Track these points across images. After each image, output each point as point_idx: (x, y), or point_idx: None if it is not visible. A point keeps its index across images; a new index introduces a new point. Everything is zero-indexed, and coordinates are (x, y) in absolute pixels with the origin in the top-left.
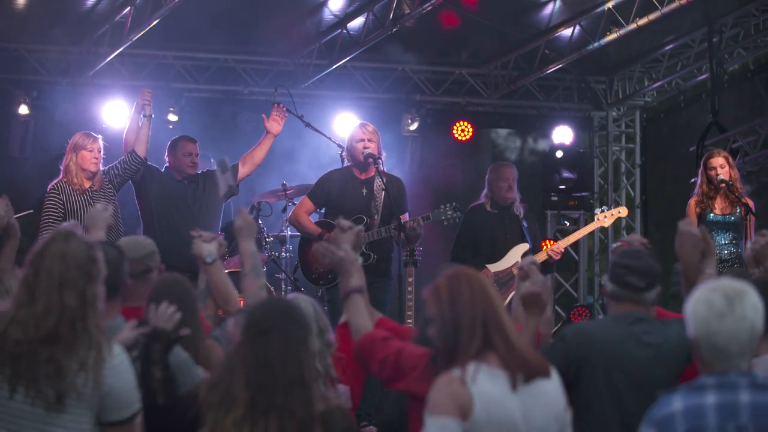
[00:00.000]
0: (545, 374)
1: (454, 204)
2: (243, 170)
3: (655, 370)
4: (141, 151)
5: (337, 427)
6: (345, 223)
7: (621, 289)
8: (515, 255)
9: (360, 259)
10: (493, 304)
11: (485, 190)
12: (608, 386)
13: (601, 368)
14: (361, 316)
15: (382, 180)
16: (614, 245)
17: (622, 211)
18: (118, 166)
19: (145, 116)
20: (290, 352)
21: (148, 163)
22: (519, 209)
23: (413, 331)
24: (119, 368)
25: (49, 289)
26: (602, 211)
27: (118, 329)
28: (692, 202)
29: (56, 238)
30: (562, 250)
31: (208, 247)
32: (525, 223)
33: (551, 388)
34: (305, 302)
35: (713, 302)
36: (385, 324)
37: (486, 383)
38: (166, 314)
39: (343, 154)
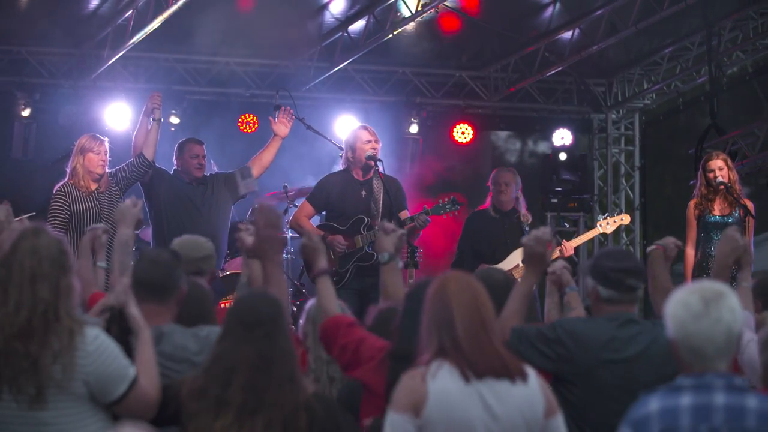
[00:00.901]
0: (508, 375)
1: (452, 197)
2: (252, 173)
3: (644, 370)
4: (149, 154)
5: (320, 413)
6: (388, 225)
7: (621, 293)
8: (515, 258)
9: (400, 263)
10: (447, 308)
11: (489, 194)
12: (596, 386)
13: (589, 368)
14: (330, 298)
15: (382, 181)
16: (650, 248)
17: (625, 219)
18: (126, 168)
19: (154, 120)
20: (288, 347)
21: (157, 165)
22: (526, 217)
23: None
24: (97, 352)
25: (21, 284)
26: (605, 218)
27: (168, 335)
28: (692, 203)
29: (26, 235)
30: (572, 250)
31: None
32: (528, 228)
33: (523, 393)
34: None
35: (690, 304)
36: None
37: (445, 379)
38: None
39: (348, 155)
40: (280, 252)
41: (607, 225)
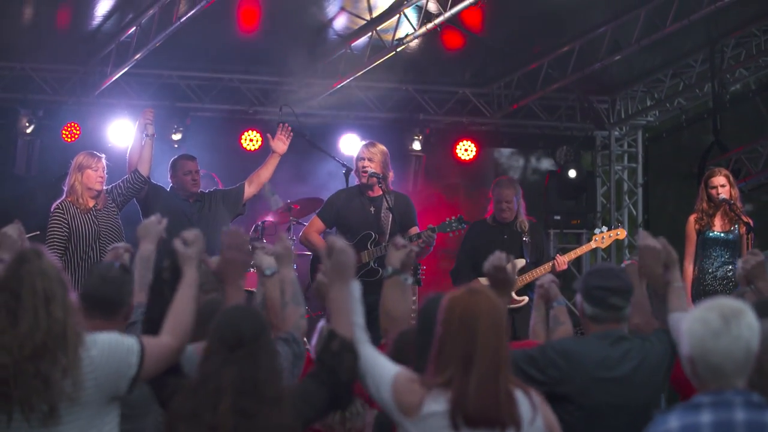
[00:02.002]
0: (501, 427)
1: (459, 216)
2: (249, 190)
3: (638, 387)
4: (144, 170)
5: None
6: (400, 241)
7: (604, 311)
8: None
9: (410, 280)
10: (471, 344)
11: (490, 204)
12: (592, 405)
13: (584, 387)
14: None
15: (387, 199)
16: (626, 263)
17: (621, 233)
18: (121, 185)
19: (147, 135)
20: (273, 366)
21: (153, 182)
22: (524, 224)
23: None
24: (99, 354)
25: (35, 306)
26: (600, 232)
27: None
28: (692, 218)
29: (29, 258)
30: (566, 265)
31: (268, 259)
32: (526, 239)
33: None
34: None
35: (709, 321)
36: None
37: (438, 411)
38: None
39: (353, 171)
40: (242, 276)
41: (602, 239)
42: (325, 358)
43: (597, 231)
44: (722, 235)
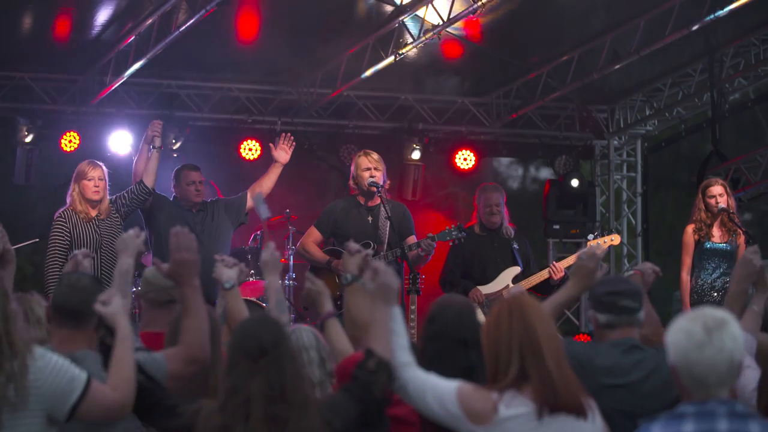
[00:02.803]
0: (576, 411)
1: (459, 224)
2: (251, 199)
3: (647, 396)
4: (149, 181)
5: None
6: (353, 246)
7: (617, 315)
8: (506, 278)
9: (357, 280)
10: (533, 333)
11: (474, 212)
12: (600, 412)
13: (592, 393)
14: (341, 339)
15: (386, 209)
16: (627, 273)
17: (615, 239)
18: (126, 195)
19: (154, 147)
20: (297, 369)
21: (157, 192)
22: (509, 231)
23: None
24: (47, 367)
25: None
26: (594, 238)
27: (80, 361)
28: (689, 229)
29: None
30: (563, 272)
31: (228, 272)
32: (515, 245)
33: (589, 430)
34: (306, 332)
35: (693, 332)
36: None
37: (519, 412)
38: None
39: (350, 182)
40: (196, 275)
41: (597, 245)
42: (360, 375)
43: (590, 237)
44: (721, 246)
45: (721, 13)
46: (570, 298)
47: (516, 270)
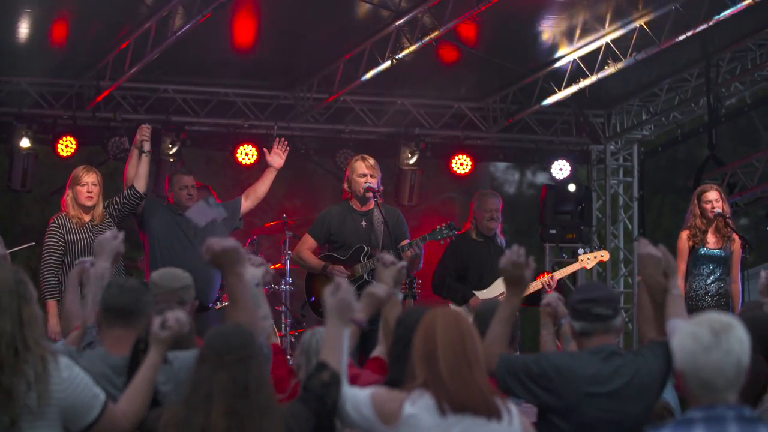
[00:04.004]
0: (485, 413)
1: (449, 222)
2: (246, 204)
3: (629, 402)
4: (140, 186)
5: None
6: (388, 258)
7: (590, 323)
8: (501, 285)
9: (400, 296)
10: (432, 341)
11: (469, 218)
12: (583, 421)
13: (574, 403)
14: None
15: (381, 213)
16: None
17: (604, 255)
18: (117, 200)
19: (143, 152)
20: (263, 377)
21: (149, 197)
22: (501, 240)
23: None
24: (69, 379)
25: None
26: (584, 253)
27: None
28: (684, 235)
29: None
30: (555, 284)
31: (253, 270)
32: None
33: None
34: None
35: (700, 336)
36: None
37: (422, 408)
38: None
39: (344, 186)
40: (239, 263)
41: (588, 260)
42: (314, 386)
43: (581, 252)
44: (716, 252)
45: (718, 17)
46: (513, 308)
47: None
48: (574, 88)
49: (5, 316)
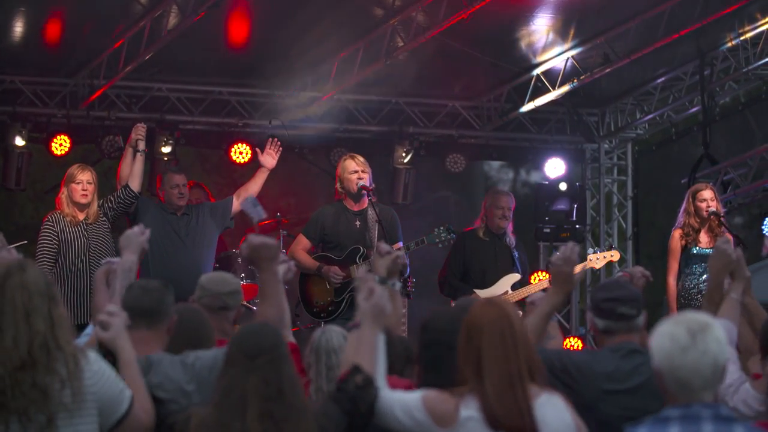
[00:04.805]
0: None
1: (447, 225)
2: (237, 203)
3: (648, 400)
4: (134, 185)
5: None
6: (384, 247)
7: (615, 322)
8: (505, 284)
9: (398, 285)
10: (477, 353)
11: (480, 215)
12: (601, 418)
13: (593, 400)
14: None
15: (376, 211)
16: (618, 274)
17: (615, 255)
18: (112, 199)
19: (138, 151)
20: (295, 377)
21: (142, 196)
22: (511, 239)
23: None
24: (100, 372)
25: (17, 320)
26: (594, 252)
27: (157, 364)
28: (676, 233)
29: (12, 271)
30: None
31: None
32: (516, 253)
33: None
34: (336, 334)
35: (676, 336)
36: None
37: (474, 413)
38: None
39: (337, 185)
40: (274, 260)
41: (597, 260)
42: (348, 389)
43: (590, 251)
44: (708, 251)
45: (712, 17)
46: (555, 305)
47: (516, 277)
48: (568, 87)
49: (38, 317)
